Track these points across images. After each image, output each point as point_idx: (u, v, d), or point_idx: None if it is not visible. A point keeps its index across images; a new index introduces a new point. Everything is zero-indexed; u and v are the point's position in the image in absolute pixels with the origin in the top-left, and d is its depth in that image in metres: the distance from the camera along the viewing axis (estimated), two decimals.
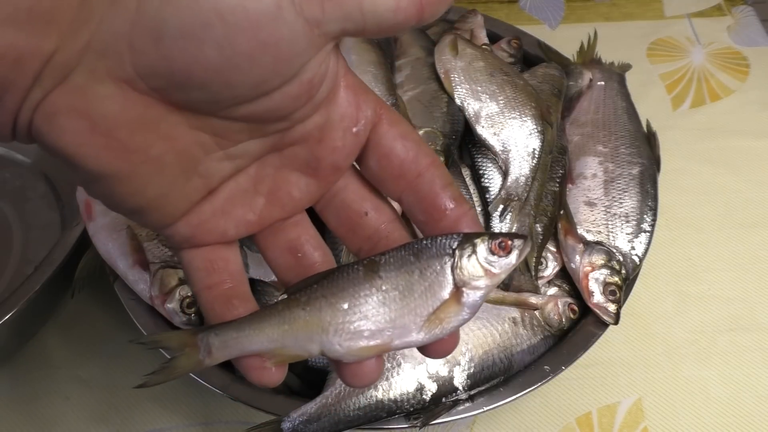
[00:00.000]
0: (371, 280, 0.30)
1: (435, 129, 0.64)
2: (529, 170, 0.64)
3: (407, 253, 0.31)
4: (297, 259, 0.34)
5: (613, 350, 0.70)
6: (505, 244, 0.31)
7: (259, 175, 0.32)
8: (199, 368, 0.31)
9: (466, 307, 0.30)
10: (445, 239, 0.31)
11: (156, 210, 0.30)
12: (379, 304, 0.30)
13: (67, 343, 0.70)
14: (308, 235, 0.35)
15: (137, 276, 0.59)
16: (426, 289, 0.30)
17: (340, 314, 0.30)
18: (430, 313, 0.30)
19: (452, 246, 0.31)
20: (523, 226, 0.63)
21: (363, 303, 0.30)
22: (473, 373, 0.56)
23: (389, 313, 0.30)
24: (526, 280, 0.62)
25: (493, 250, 0.30)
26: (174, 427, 0.66)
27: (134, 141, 0.27)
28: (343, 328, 0.30)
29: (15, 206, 0.80)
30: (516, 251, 0.31)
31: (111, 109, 0.26)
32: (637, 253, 0.63)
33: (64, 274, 0.63)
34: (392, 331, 0.30)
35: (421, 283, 0.30)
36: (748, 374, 0.69)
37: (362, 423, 0.54)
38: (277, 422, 0.54)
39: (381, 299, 0.30)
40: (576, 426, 0.66)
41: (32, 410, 0.66)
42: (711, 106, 0.91)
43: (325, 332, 0.30)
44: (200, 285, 0.33)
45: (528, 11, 1.03)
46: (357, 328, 0.30)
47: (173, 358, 0.31)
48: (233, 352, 0.30)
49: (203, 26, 0.24)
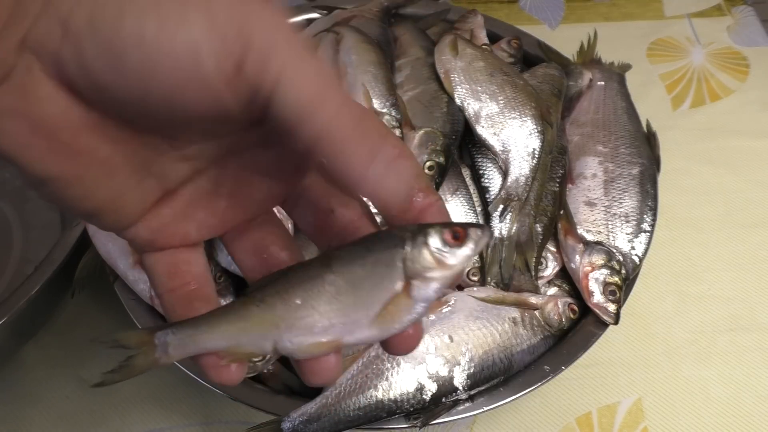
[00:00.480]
0: (324, 275, 0.29)
1: (435, 129, 0.64)
2: (529, 170, 0.64)
3: (361, 246, 0.30)
4: (263, 260, 0.34)
5: (613, 350, 0.70)
6: (459, 234, 0.29)
7: (220, 177, 0.31)
8: (156, 366, 0.30)
9: (419, 301, 0.29)
10: (399, 230, 0.29)
11: (111, 213, 0.30)
12: (330, 299, 0.29)
13: (67, 343, 0.70)
14: (274, 236, 0.34)
15: (137, 276, 0.59)
16: (376, 283, 0.29)
17: (292, 310, 0.29)
18: (381, 307, 0.29)
19: (403, 237, 0.29)
20: (523, 226, 0.63)
21: (314, 298, 0.29)
22: (473, 373, 0.56)
23: (340, 308, 0.29)
24: (526, 280, 0.62)
25: (445, 239, 0.29)
26: (174, 427, 0.66)
27: (79, 143, 0.27)
28: (294, 324, 0.29)
29: (15, 206, 0.79)
30: (471, 241, 0.29)
31: (52, 111, 0.26)
32: (637, 253, 0.63)
33: (64, 274, 0.63)
34: (343, 326, 0.29)
35: (371, 277, 0.29)
36: (748, 374, 0.69)
37: (362, 423, 0.54)
38: (277, 422, 0.54)
39: (333, 294, 0.29)
40: (576, 426, 0.66)
41: (32, 410, 0.66)
42: (711, 106, 0.91)
43: (278, 328, 0.29)
44: (163, 288, 0.32)
45: (528, 11, 1.03)
46: (308, 324, 0.29)
47: (130, 356, 0.30)
48: (190, 351, 0.30)
49: (120, 54, 0.24)
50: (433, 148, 0.62)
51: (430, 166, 0.62)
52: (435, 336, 0.56)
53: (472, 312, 0.58)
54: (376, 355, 0.55)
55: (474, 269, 0.61)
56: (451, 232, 0.29)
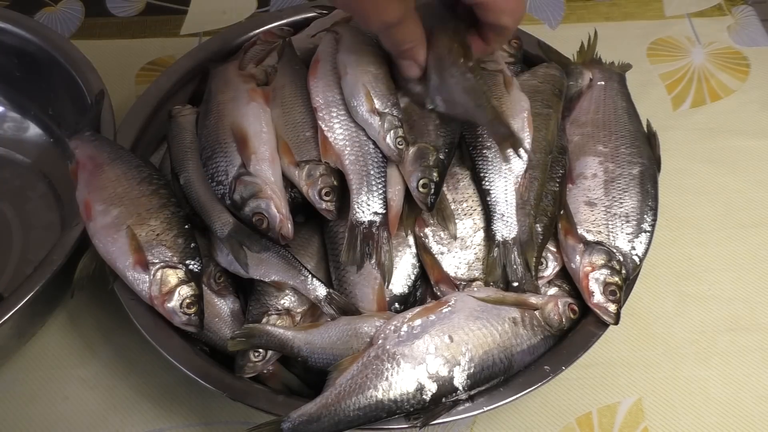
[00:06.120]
0: None
1: (428, 144, 0.62)
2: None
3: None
4: None
5: (613, 350, 0.70)
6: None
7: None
8: None
9: None
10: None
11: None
12: None
13: (67, 343, 0.70)
14: None
15: (137, 276, 0.59)
16: None
17: None
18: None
19: None
20: (523, 226, 0.63)
21: None
22: (473, 373, 0.56)
23: None
24: (526, 280, 0.62)
25: None
26: (174, 427, 0.66)
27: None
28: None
29: (15, 206, 0.80)
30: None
31: None
32: (637, 253, 0.63)
33: (64, 274, 0.63)
34: None
35: None
36: (748, 374, 0.69)
37: (362, 423, 0.54)
38: (277, 422, 0.54)
39: None
40: (576, 426, 0.66)
41: (32, 410, 0.66)
42: (711, 106, 0.91)
43: None
44: None
45: (528, 11, 1.02)
46: None
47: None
48: None
49: None
50: (426, 164, 0.62)
51: (424, 184, 0.61)
52: (435, 336, 0.56)
53: (472, 312, 0.58)
54: (375, 355, 0.55)
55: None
56: None
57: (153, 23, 1.00)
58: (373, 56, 0.66)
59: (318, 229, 0.67)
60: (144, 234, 0.60)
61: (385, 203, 0.62)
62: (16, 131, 0.86)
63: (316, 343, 0.58)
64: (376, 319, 0.59)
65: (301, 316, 0.62)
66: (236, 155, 0.63)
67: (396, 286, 0.62)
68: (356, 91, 0.64)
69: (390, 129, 0.62)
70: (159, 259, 0.60)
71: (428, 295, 0.64)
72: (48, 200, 0.80)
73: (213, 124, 0.66)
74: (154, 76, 0.84)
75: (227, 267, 0.64)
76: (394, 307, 0.62)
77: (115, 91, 0.76)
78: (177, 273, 0.60)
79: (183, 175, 0.67)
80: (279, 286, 0.62)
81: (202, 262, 0.62)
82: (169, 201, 0.64)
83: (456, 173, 0.67)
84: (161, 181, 0.65)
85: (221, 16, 0.99)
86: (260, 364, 0.59)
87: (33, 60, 0.80)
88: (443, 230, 0.64)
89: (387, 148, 0.62)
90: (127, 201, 0.62)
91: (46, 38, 0.78)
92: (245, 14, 1.00)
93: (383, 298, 0.61)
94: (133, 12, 1.01)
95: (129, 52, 0.95)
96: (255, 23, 0.82)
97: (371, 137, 0.63)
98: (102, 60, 0.78)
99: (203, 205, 0.64)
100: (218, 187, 0.62)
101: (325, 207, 0.62)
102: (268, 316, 0.61)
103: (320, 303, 0.60)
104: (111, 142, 0.69)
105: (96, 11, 1.01)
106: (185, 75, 0.78)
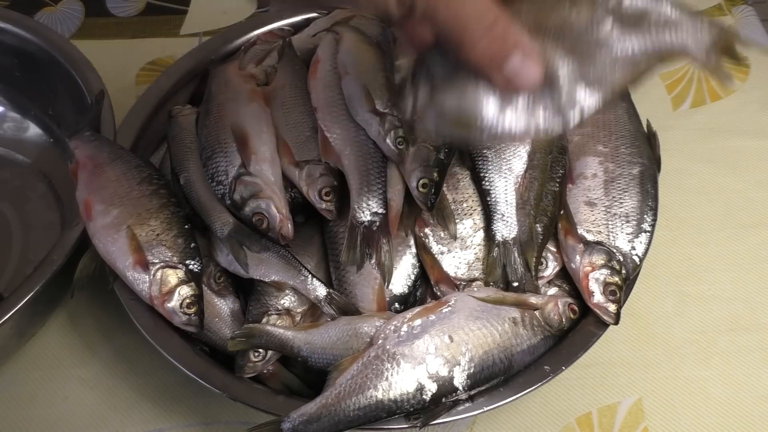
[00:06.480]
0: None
1: (428, 144, 0.63)
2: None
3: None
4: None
5: (613, 350, 0.70)
6: None
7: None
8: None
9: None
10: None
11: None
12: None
13: (67, 343, 0.70)
14: None
15: (137, 276, 0.59)
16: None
17: None
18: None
19: None
20: (523, 226, 0.63)
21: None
22: (473, 373, 0.56)
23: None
24: (526, 280, 0.62)
25: None
26: (174, 427, 0.66)
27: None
28: None
29: (15, 206, 0.80)
30: None
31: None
32: (637, 253, 0.63)
33: (64, 274, 0.63)
34: None
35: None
36: (748, 374, 0.69)
37: (362, 423, 0.54)
38: (277, 422, 0.53)
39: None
40: (576, 426, 0.66)
41: (32, 410, 0.66)
42: (711, 106, 0.91)
43: None
44: None
45: None
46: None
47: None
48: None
49: None
50: (426, 164, 0.62)
51: (424, 184, 0.61)
52: (435, 336, 0.56)
53: (472, 312, 0.58)
54: (375, 355, 0.55)
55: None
56: None
57: (153, 23, 1.00)
58: (373, 56, 0.66)
59: (318, 229, 0.67)
60: (144, 234, 0.60)
61: (385, 203, 0.62)
62: (16, 131, 0.86)
63: (316, 343, 0.58)
64: (376, 319, 0.59)
65: (301, 316, 0.62)
66: (236, 155, 0.63)
67: (396, 286, 0.63)
68: (356, 91, 0.64)
69: (390, 129, 0.62)
70: (159, 259, 0.60)
71: (428, 295, 0.64)
72: (48, 200, 0.80)
73: (213, 124, 0.66)
74: (154, 76, 0.84)
75: (227, 267, 0.64)
76: (394, 307, 0.62)
77: (115, 91, 0.75)
78: (177, 273, 0.60)
79: (183, 175, 0.67)
80: (279, 286, 0.62)
81: (202, 262, 0.62)
82: (169, 201, 0.64)
83: (456, 173, 0.67)
84: (161, 181, 0.65)
85: (221, 16, 0.99)
86: (260, 364, 0.59)
87: (33, 60, 0.80)
88: (443, 230, 0.64)
89: (387, 148, 0.62)
90: (127, 201, 0.62)
91: (46, 38, 0.79)
92: (245, 14, 1.00)
93: (383, 298, 0.61)
94: (133, 12, 1.01)
95: (129, 52, 0.95)
96: (255, 23, 0.82)
97: (371, 137, 0.63)
98: (102, 60, 0.78)
99: (203, 205, 0.64)
100: (218, 187, 0.62)
101: (325, 207, 0.62)
102: (268, 316, 0.61)
103: (320, 303, 0.61)
104: (111, 142, 0.69)
105: (96, 11, 1.01)
106: (185, 75, 0.78)
